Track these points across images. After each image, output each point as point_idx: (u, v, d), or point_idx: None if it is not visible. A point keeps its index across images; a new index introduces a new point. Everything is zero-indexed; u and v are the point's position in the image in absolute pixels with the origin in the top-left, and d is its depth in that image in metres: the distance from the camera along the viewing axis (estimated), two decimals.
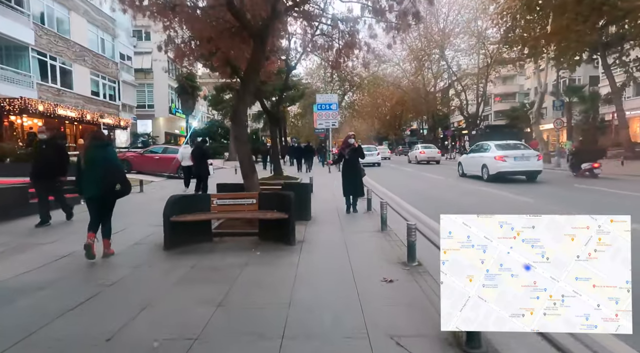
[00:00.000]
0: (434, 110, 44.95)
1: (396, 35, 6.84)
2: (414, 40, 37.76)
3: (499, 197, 9.72)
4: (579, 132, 33.51)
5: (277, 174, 15.25)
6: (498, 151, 13.12)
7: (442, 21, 33.66)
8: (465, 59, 36.82)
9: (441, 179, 15.11)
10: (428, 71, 41.94)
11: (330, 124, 26.10)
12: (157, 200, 9.86)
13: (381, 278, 3.79)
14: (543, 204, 8.35)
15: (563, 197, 9.63)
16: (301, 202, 6.58)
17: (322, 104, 26.12)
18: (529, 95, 47.74)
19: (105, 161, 4.54)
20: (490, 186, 11.93)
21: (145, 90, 34.78)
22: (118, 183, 4.58)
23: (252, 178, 6.23)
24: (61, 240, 5.66)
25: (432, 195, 10.65)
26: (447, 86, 44.92)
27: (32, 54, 18.96)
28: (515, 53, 22.10)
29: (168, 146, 18.82)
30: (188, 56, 9.07)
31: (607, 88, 33.52)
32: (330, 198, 9.71)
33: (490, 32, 30.87)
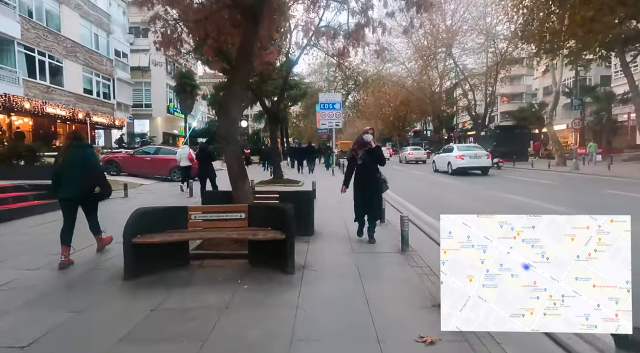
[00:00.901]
0: (439, 111, 43.76)
1: (416, 16, 5.71)
2: (420, 38, 36.71)
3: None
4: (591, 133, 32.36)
5: (277, 177, 14.13)
6: (458, 152, 17.17)
7: (449, 18, 32.47)
8: (473, 57, 35.65)
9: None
10: (434, 70, 40.76)
11: (334, 124, 24.73)
12: (139, 206, 8.77)
13: (416, 336, 2.65)
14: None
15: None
16: (302, 214, 5.46)
17: (325, 103, 24.78)
18: (537, 95, 46.55)
19: (84, 162, 4.41)
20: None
21: (142, 88, 33.70)
22: (97, 185, 4.52)
23: (243, 187, 5.10)
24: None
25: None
26: (453, 86, 43.79)
27: (18, 49, 17.91)
28: (531, 49, 20.76)
29: (161, 146, 17.67)
30: (175, 44, 7.99)
31: (620, 88, 32.46)
32: (335, 206, 8.57)
33: (500, 29, 29.70)
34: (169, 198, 10.84)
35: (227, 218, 4.33)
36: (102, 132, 27.46)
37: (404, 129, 59.32)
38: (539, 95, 45.12)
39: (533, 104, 42.07)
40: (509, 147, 26.19)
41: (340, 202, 9.02)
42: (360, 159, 5.19)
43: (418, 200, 9.66)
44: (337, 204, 8.81)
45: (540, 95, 44.67)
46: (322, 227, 6.29)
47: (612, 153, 27.29)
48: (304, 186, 13.19)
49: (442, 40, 32.95)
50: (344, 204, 8.61)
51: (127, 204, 9.23)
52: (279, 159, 14.26)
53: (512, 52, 29.78)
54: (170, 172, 15.33)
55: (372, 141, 5.20)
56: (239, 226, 4.30)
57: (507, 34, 30.06)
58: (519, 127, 29.43)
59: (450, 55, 33.04)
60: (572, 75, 34.12)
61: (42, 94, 19.30)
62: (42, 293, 3.57)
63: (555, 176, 16.71)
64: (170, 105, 35.11)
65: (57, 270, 4.20)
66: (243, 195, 5.09)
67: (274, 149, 14.39)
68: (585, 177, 16.26)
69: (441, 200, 10.26)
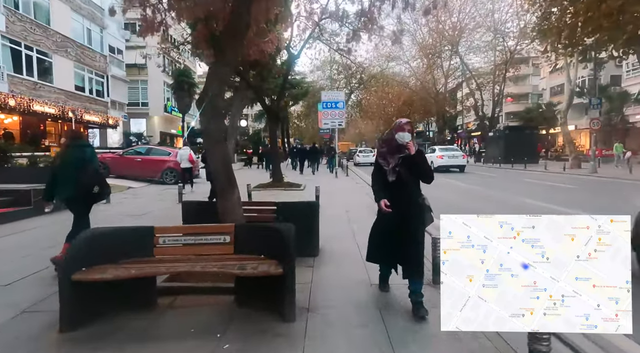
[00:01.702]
0: (443, 111, 42.63)
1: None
2: (426, 36, 35.63)
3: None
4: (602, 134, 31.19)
5: (276, 180, 13.07)
6: (439, 152, 20.34)
7: (455, 14, 31.35)
8: (480, 56, 34.51)
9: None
10: (439, 69, 39.64)
11: (337, 123, 23.52)
12: (120, 216, 7.73)
13: None
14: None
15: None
16: (305, 230, 4.41)
17: (327, 102, 23.56)
18: (543, 95, 45.42)
19: (81, 162, 4.23)
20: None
21: (139, 87, 32.65)
22: (95, 184, 4.29)
23: (231, 198, 4.04)
24: None
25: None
26: (459, 84, 42.70)
27: (3, 42, 16.86)
28: (541, 47, 19.62)
29: (153, 147, 16.55)
30: (158, 28, 6.93)
31: (633, 87, 31.33)
32: (342, 215, 7.51)
33: (510, 26, 28.61)
34: (157, 203, 9.80)
35: (206, 243, 3.27)
36: (97, 132, 26.40)
37: None
38: (546, 95, 43.98)
39: (540, 104, 40.98)
40: (519, 148, 25.12)
41: (348, 210, 7.96)
42: (392, 171, 3.14)
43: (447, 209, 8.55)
44: (344, 213, 7.75)
45: (547, 95, 43.54)
46: (329, 243, 5.23)
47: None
48: (305, 189, 12.14)
49: (448, 37, 31.79)
50: (352, 214, 7.57)
51: (108, 212, 8.18)
52: (278, 161, 13.19)
53: (522, 49, 28.67)
54: (162, 175, 14.28)
55: (411, 143, 3.10)
56: (222, 253, 3.23)
57: (516, 31, 29.06)
58: (528, 128, 28.31)
59: (457, 53, 31.83)
60: (582, 74, 33.11)
61: (29, 90, 18.24)
62: None
63: (577, 179, 15.61)
64: (167, 104, 34.05)
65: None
66: (231, 207, 4.02)
67: (273, 150, 13.32)
68: (606, 181, 15.18)
69: (471, 209, 9.16)
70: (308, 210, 4.86)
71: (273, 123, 13.07)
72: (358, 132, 74.37)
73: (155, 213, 8.25)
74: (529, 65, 43.85)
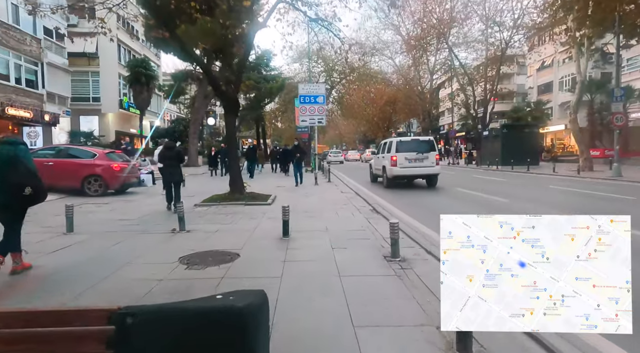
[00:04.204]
0: (429, 110, 40.16)
1: None
2: (410, 28, 32.98)
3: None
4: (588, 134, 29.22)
5: (235, 190, 9.66)
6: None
7: (447, 2, 28.72)
8: (470, 50, 32.05)
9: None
10: (424, 65, 37.11)
11: (316, 120, 20.08)
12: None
13: None
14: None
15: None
16: None
17: (305, 95, 20.07)
18: (530, 94, 43.74)
19: (15, 161, 3.90)
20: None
21: (89, 79, 28.42)
22: (27, 185, 3.92)
23: None
24: None
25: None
26: (446, 80, 40.42)
27: None
28: (569, 21, 16.65)
29: (70, 146, 12.69)
30: None
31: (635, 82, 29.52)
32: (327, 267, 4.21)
33: (505, 17, 26.18)
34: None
35: None
36: (39, 131, 21.99)
37: (389, 130, 55.79)
38: (533, 93, 42.28)
39: (529, 103, 39.21)
40: (519, 148, 22.59)
41: (334, 247, 4.66)
42: None
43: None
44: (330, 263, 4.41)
45: (535, 93, 41.85)
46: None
47: (629, 155, 24.17)
48: (274, 204, 8.82)
49: (437, 26, 29.11)
50: (347, 265, 4.16)
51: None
52: (237, 165, 9.75)
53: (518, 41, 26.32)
54: (83, 183, 10.63)
55: None
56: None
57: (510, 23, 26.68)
58: (528, 126, 25.86)
59: (446, 43, 29.11)
60: (572, 71, 31.19)
61: None
62: None
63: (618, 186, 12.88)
64: (124, 100, 29.91)
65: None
66: None
67: (231, 149, 9.90)
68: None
69: None
70: (232, 329, 1.53)
71: (231, 114, 9.66)
72: (338, 133, 71.57)
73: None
74: (513, 63, 42.01)
